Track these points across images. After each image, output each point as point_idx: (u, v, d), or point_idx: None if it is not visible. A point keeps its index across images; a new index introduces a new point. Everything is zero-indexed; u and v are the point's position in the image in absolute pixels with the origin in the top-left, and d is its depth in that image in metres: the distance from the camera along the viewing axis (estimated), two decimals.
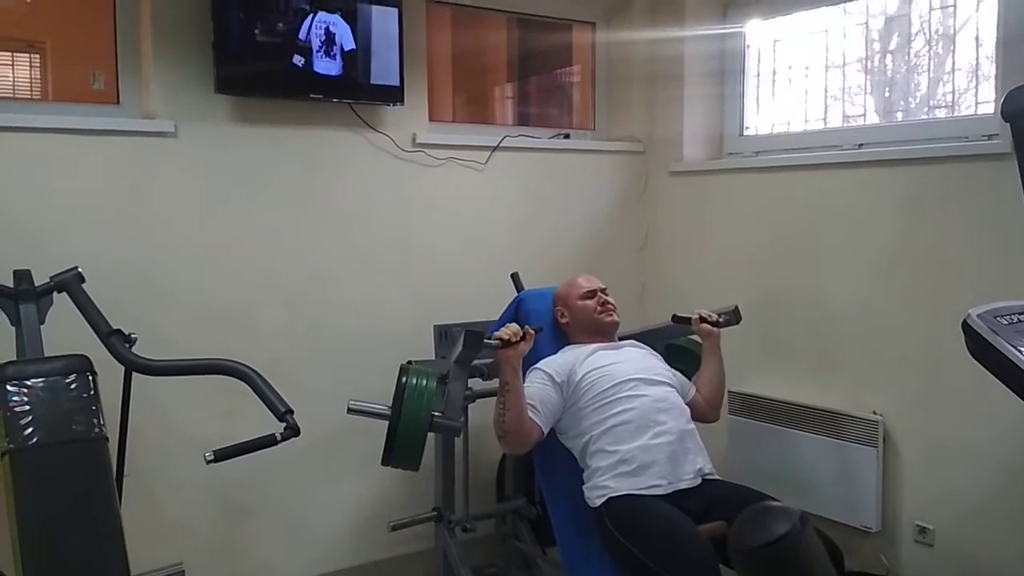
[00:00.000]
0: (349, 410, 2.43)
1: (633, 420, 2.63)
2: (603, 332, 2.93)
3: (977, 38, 2.99)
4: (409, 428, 2.38)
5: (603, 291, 2.98)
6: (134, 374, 2.40)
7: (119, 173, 2.90)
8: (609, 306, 2.95)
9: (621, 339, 3.00)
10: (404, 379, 2.43)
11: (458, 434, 2.82)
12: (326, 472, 3.27)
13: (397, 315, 3.40)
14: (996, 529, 2.80)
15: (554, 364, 2.79)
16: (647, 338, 3.09)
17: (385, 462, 2.44)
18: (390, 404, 2.43)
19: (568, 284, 3.03)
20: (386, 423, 2.43)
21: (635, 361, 2.82)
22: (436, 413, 2.44)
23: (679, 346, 3.14)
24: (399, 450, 2.41)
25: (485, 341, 2.55)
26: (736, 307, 3.00)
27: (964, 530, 2.89)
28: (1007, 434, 2.74)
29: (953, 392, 2.88)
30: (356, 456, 3.22)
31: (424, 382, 2.43)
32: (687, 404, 2.79)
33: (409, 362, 2.91)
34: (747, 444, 3.43)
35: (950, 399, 2.90)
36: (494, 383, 3.18)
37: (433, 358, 3.17)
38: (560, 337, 3.01)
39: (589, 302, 2.94)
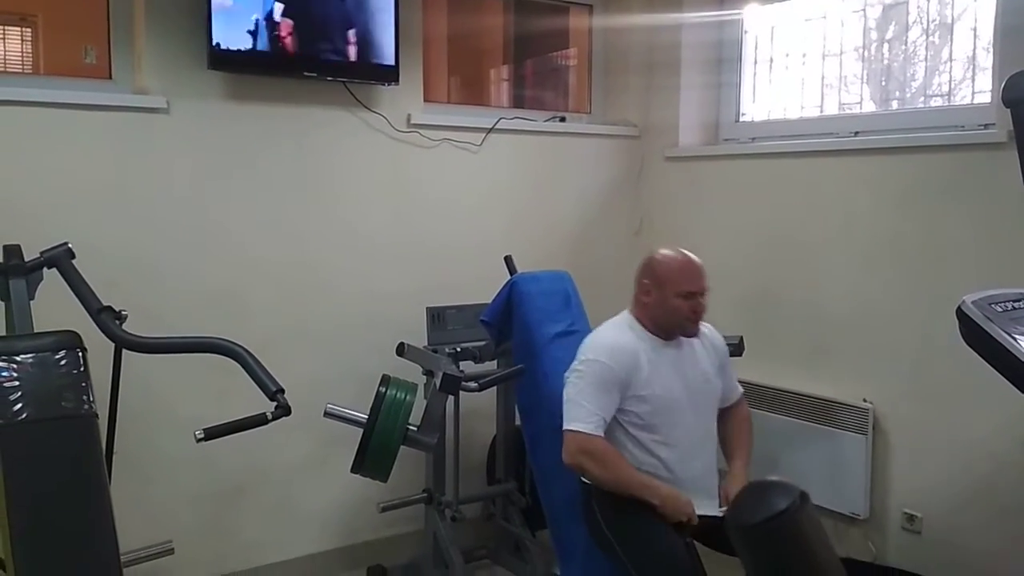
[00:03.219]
0: (326, 413, 2.43)
1: (668, 459, 2.51)
2: (674, 336, 2.62)
3: (974, 28, 2.99)
4: (382, 440, 2.37)
5: (703, 294, 2.57)
6: (124, 351, 2.39)
7: (111, 148, 2.88)
8: (700, 315, 2.57)
9: None
10: (384, 390, 2.41)
11: (431, 452, 2.79)
12: (316, 452, 3.26)
13: (389, 296, 3.39)
14: (983, 517, 2.82)
15: (620, 360, 2.49)
16: None
17: (355, 470, 2.43)
18: (367, 412, 2.41)
19: (673, 268, 2.55)
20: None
21: (692, 378, 2.59)
22: (411, 427, 2.43)
23: None
24: (370, 460, 2.40)
25: (463, 384, 2.54)
26: (741, 338, 3.00)
27: (951, 518, 2.90)
28: (996, 423, 2.75)
29: (944, 381, 2.88)
30: (347, 437, 3.21)
31: (404, 396, 2.41)
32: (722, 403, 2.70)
33: (401, 345, 2.92)
34: None
35: (941, 388, 2.90)
36: (486, 366, 3.19)
37: (426, 341, 3.17)
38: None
39: (684, 303, 2.52)
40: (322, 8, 3.07)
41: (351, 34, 3.14)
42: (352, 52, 3.15)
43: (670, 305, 2.53)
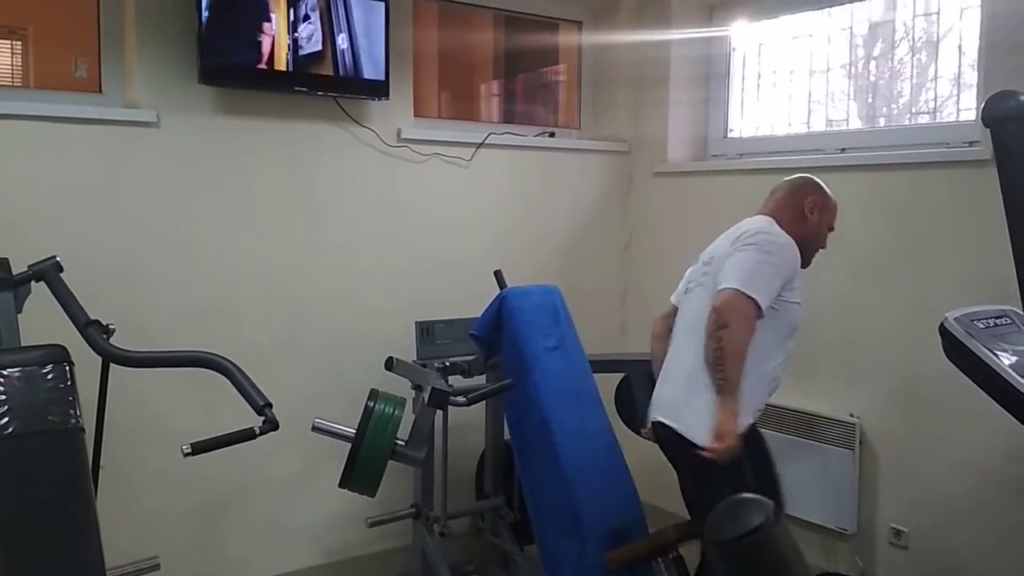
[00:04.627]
0: (314, 428, 2.42)
1: (771, 375, 2.49)
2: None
3: (960, 46, 3.02)
4: (370, 454, 2.36)
5: None
6: (112, 365, 2.38)
7: (100, 162, 2.87)
8: None
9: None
10: (372, 404, 2.40)
11: (420, 466, 2.78)
12: (304, 467, 3.25)
13: (378, 310, 3.39)
14: (969, 532, 2.83)
15: (796, 256, 2.45)
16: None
17: (343, 485, 2.41)
18: (356, 426, 2.40)
19: (834, 203, 2.60)
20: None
21: None
22: (400, 442, 2.42)
23: None
24: (358, 475, 2.38)
25: (451, 399, 2.54)
26: None
27: (938, 533, 2.92)
28: (981, 437, 2.76)
29: (930, 396, 2.90)
30: (334, 451, 3.20)
31: (392, 410, 2.40)
32: None
33: (389, 360, 2.92)
34: None
35: (927, 403, 2.92)
36: (475, 380, 3.19)
37: (414, 355, 3.17)
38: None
39: (825, 237, 2.60)
40: (312, 23, 3.09)
41: (341, 49, 3.15)
42: (342, 67, 3.16)
43: (822, 232, 2.57)
